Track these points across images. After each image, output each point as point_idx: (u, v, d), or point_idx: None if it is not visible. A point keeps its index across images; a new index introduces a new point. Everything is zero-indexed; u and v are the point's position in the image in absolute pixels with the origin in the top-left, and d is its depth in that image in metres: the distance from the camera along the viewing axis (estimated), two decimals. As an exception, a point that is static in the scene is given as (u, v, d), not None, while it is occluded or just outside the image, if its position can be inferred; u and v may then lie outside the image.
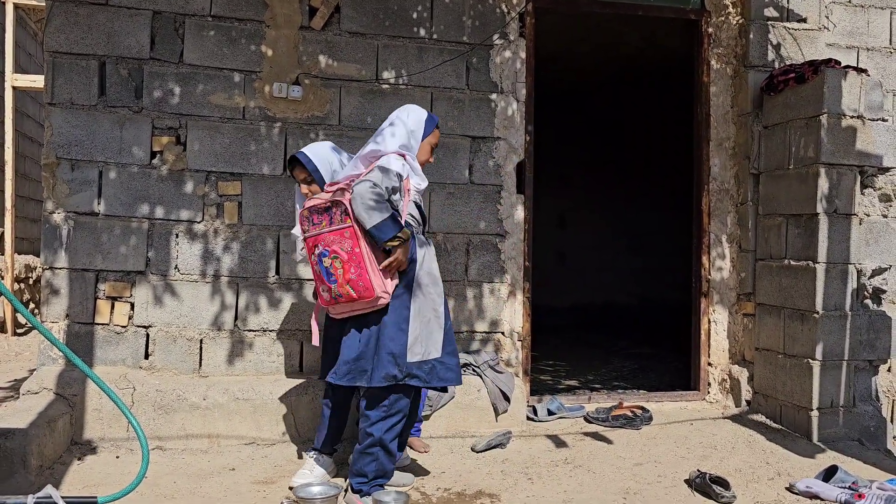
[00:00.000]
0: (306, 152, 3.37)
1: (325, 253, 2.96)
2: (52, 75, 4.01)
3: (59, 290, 4.00)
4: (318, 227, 3.00)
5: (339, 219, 2.94)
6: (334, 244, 2.94)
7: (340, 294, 2.94)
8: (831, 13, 4.87)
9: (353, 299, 2.94)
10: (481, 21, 4.47)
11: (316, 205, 3.03)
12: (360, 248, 2.91)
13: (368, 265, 2.91)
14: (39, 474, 3.27)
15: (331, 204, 2.97)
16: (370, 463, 3.02)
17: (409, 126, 3.19)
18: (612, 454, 3.84)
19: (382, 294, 2.93)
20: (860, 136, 4.14)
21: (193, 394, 3.88)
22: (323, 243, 2.97)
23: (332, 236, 2.94)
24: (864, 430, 4.14)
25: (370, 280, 2.89)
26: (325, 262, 2.96)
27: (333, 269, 2.94)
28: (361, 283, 2.90)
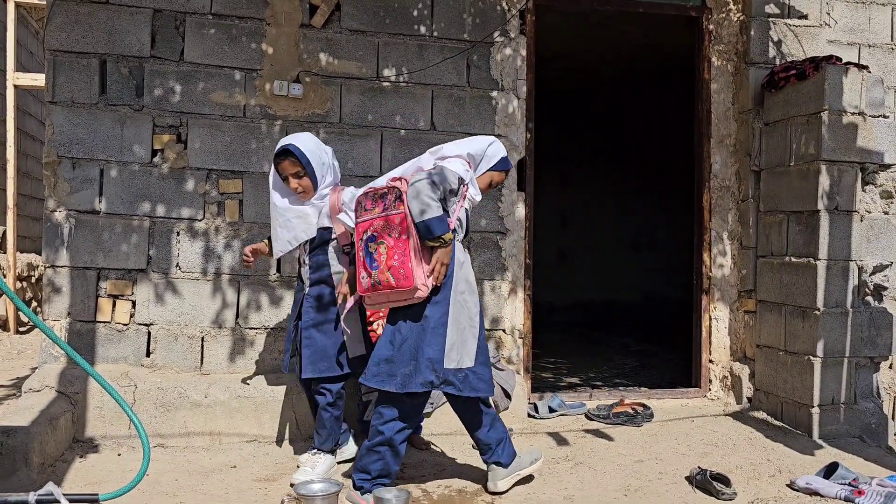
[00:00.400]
0: (298, 145, 3.24)
1: (372, 238, 2.94)
2: (53, 74, 4.02)
3: (61, 288, 4.01)
4: (370, 213, 2.98)
5: (392, 204, 2.91)
6: (383, 229, 2.91)
7: (380, 281, 2.90)
8: (832, 9, 4.86)
9: (391, 287, 2.89)
10: (482, 18, 4.47)
11: (373, 189, 3.02)
12: (409, 236, 2.88)
13: (413, 255, 2.87)
14: (41, 472, 3.28)
15: (387, 190, 2.96)
16: (376, 461, 3.01)
17: (487, 151, 3.19)
18: (613, 451, 3.85)
19: (421, 286, 2.89)
20: (861, 133, 4.14)
21: (195, 391, 3.89)
22: (372, 228, 2.95)
23: (383, 221, 2.92)
24: (866, 426, 4.13)
25: (411, 269, 2.86)
26: (370, 247, 2.93)
27: (378, 254, 2.91)
28: (402, 271, 2.86)
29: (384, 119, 4.35)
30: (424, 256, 2.93)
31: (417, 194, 2.86)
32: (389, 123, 4.36)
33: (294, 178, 3.25)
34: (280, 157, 3.25)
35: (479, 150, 3.17)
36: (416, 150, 4.36)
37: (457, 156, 3.09)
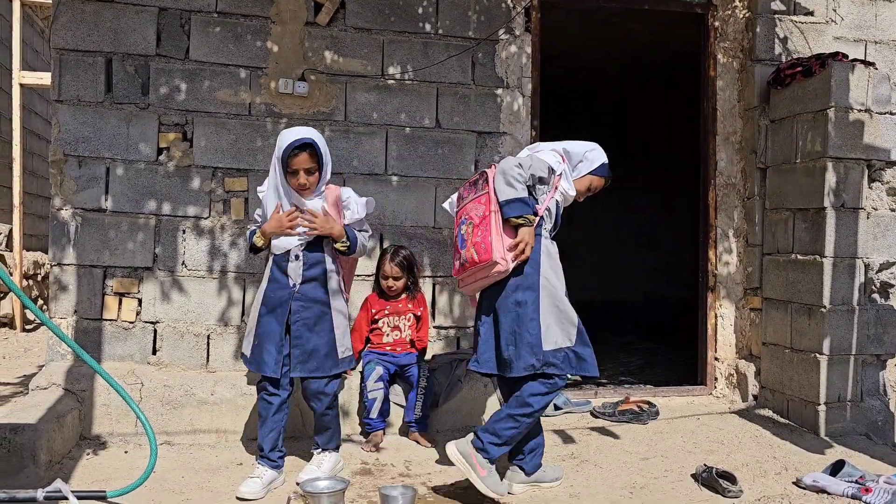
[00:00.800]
0: (315, 139, 3.17)
1: (464, 220, 3.07)
2: (59, 72, 4.03)
3: (68, 286, 4.02)
4: (464, 200, 3.14)
5: (480, 187, 3.06)
6: (472, 211, 3.04)
7: (466, 259, 3.01)
8: (838, 6, 4.84)
9: (474, 263, 2.98)
10: (487, 16, 4.47)
11: (470, 179, 3.19)
12: (490, 213, 2.97)
13: (494, 229, 2.95)
14: (49, 469, 3.29)
15: (478, 176, 3.13)
16: (511, 429, 3.01)
17: (587, 154, 3.25)
18: (618, 449, 3.84)
19: (500, 259, 2.93)
20: (868, 130, 4.12)
21: (201, 389, 3.90)
22: (465, 213, 3.09)
23: (472, 204, 3.06)
24: (872, 424, 4.12)
25: (491, 242, 2.93)
26: (462, 229, 3.07)
27: (466, 234, 3.03)
28: (483, 245, 2.94)
29: (389, 117, 4.35)
30: (507, 234, 2.99)
31: (503, 173, 2.99)
32: (394, 121, 4.36)
33: (306, 173, 3.18)
34: (299, 150, 3.13)
35: (578, 150, 3.24)
36: (420, 148, 4.37)
37: (551, 149, 3.17)
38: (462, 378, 4.12)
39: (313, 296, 3.27)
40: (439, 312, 4.40)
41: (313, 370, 3.27)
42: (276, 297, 3.26)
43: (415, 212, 4.38)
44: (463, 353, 4.28)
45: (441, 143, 4.41)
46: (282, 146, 3.16)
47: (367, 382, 3.81)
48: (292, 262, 3.25)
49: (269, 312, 3.26)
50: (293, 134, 3.18)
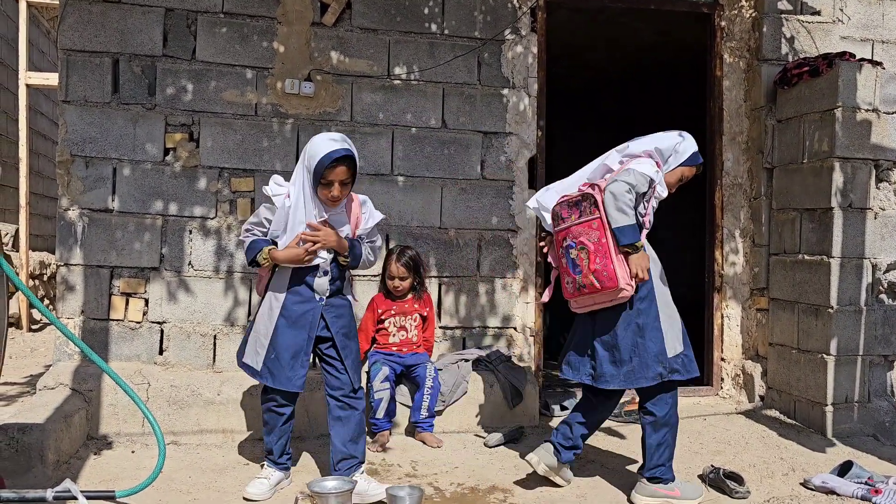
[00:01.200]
0: (352, 150, 3.00)
1: (572, 245, 3.04)
2: (66, 73, 4.04)
3: (75, 286, 4.03)
4: (567, 221, 3.08)
5: (588, 210, 3.01)
6: (582, 235, 3.01)
7: (584, 284, 3.00)
8: (845, 6, 4.83)
9: (595, 290, 2.98)
10: (493, 16, 4.47)
11: (568, 198, 3.11)
12: (607, 239, 2.96)
13: (614, 256, 2.95)
14: (56, 469, 3.29)
15: (581, 197, 3.05)
16: (664, 451, 3.09)
17: (677, 147, 3.19)
18: (625, 449, 3.84)
19: (626, 286, 2.96)
20: (875, 130, 4.11)
21: (208, 389, 3.90)
22: (571, 235, 3.05)
23: (581, 228, 3.02)
24: (879, 425, 4.11)
25: (615, 270, 2.94)
26: (571, 253, 3.04)
27: (579, 259, 3.00)
28: (606, 273, 2.94)
29: (395, 117, 4.35)
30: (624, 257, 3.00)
31: (614, 200, 2.95)
32: (401, 122, 4.36)
33: (341, 185, 2.99)
34: (338, 162, 2.92)
35: (669, 146, 3.19)
36: (427, 148, 4.37)
37: (645, 153, 3.13)
38: (468, 378, 4.12)
39: (340, 304, 3.17)
40: (445, 313, 4.40)
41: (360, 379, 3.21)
42: (300, 309, 3.07)
43: (421, 212, 4.38)
44: (469, 353, 4.28)
45: (447, 144, 4.41)
46: (316, 156, 2.91)
47: (373, 382, 3.81)
48: (320, 278, 3.08)
49: (291, 325, 3.06)
50: (329, 143, 2.94)
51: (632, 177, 3.00)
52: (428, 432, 3.89)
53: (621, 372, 3.06)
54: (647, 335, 3.04)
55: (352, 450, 3.09)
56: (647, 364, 3.03)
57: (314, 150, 2.95)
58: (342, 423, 3.11)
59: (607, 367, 3.08)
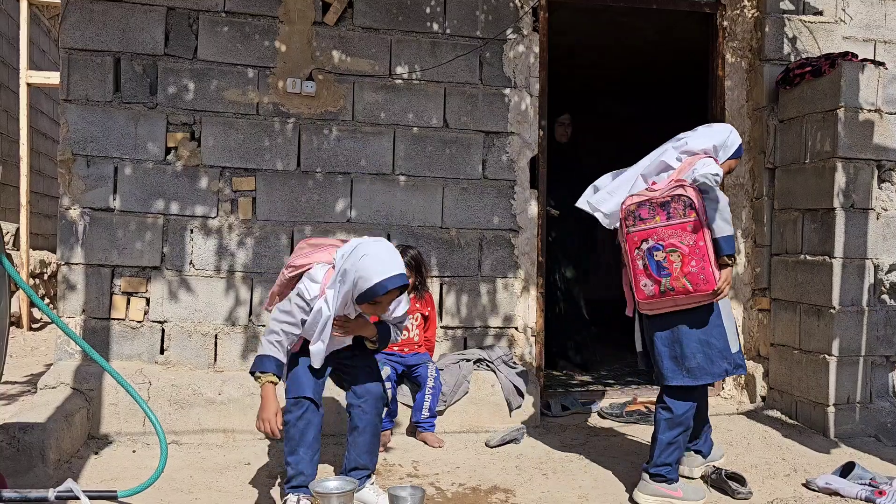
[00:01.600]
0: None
1: (657, 247, 2.99)
2: (68, 72, 4.03)
3: (76, 285, 4.03)
4: (649, 222, 3.02)
5: (682, 213, 2.96)
6: (672, 237, 2.97)
7: (672, 287, 2.97)
8: (848, 6, 4.82)
9: (687, 292, 2.96)
10: (494, 16, 4.46)
11: (648, 199, 3.05)
12: (706, 243, 2.95)
13: (712, 259, 2.95)
14: (57, 468, 3.29)
15: (671, 199, 3.00)
16: (674, 451, 3.11)
17: (727, 141, 3.21)
18: (626, 449, 3.83)
19: (711, 291, 2.97)
20: (878, 130, 4.11)
21: (209, 388, 3.90)
22: (656, 237, 3.00)
23: (671, 230, 2.97)
24: (881, 426, 4.11)
25: (712, 273, 2.94)
26: (656, 256, 2.99)
27: (668, 262, 2.97)
28: (703, 276, 2.93)
29: (397, 117, 4.35)
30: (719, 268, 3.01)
31: (720, 211, 2.96)
32: (402, 121, 4.36)
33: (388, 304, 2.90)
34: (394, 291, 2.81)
35: (722, 141, 3.20)
36: (428, 148, 4.36)
37: (705, 153, 3.15)
38: (469, 378, 4.11)
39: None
40: (446, 312, 4.39)
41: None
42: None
43: (422, 212, 4.37)
44: (470, 353, 4.27)
45: (449, 143, 4.41)
46: (370, 280, 2.74)
47: (374, 382, 3.80)
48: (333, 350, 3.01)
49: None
50: (385, 267, 2.76)
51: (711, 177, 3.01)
52: (429, 432, 3.89)
53: (684, 367, 3.06)
54: (713, 332, 3.05)
55: (366, 461, 3.02)
56: (713, 360, 3.05)
57: (368, 272, 2.75)
58: (359, 432, 3.00)
59: (668, 363, 3.09)
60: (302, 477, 2.83)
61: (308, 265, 2.94)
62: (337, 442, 3.71)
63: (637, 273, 3.07)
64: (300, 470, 2.83)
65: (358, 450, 3.00)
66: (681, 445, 3.13)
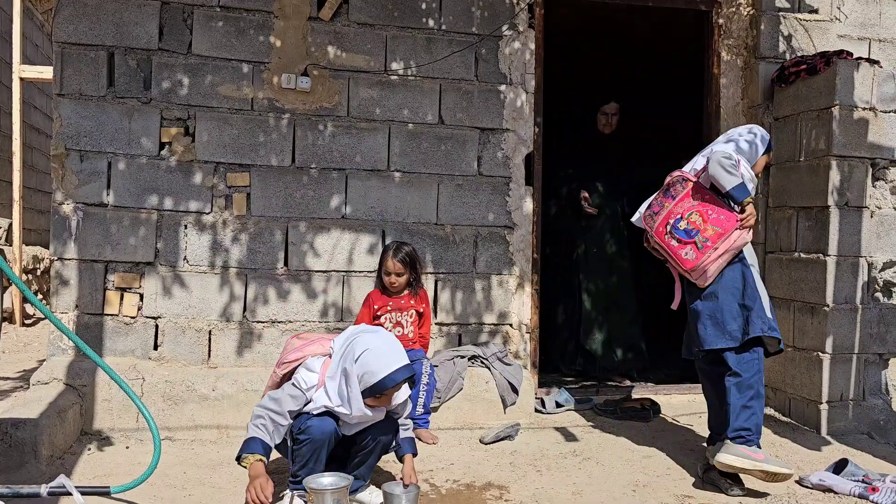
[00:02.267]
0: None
1: (678, 220, 3.28)
2: (61, 66, 4.01)
3: (69, 280, 4.01)
4: (662, 210, 3.33)
5: (681, 187, 3.31)
6: (683, 206, 3.28)
7: (707, 239, 3.22)
8: (843, 4, 4.83)
9: (720, 235, 3.20)
10: (490, 12, 4.45)
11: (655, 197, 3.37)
12: (710, 195, 3.27)
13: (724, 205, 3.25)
14: (50, 464, 3.28)
15: (668, 185, 3.35)
16: (751, 416, 3.20)
17: (756, 141, 3.44)
18: (620, 446, 3.84)
19: (738, 223, 3.22)
20: (872, 128, 4.11)
21: (203, 385, 3.89)
22: (672, 215, 3.30)
23: (680, 202, 3.29)
24: (874, 423, 4.12)
25: (729, 212, 3.23)
26: (680, 225, 3.27)
27: (692, 223, 3.25)
28: (723, 216, 3.22)
29: (392, 113, 4.34)
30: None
31: (719, 164, 3.24)
32: (397, 117, 4.35)
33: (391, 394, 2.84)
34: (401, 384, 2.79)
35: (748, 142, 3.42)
36: (423, 144, 4.36)
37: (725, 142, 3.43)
38: (463, 375, 4.11)
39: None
40: (441, 309, 4.39)
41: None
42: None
43: (417, 208, 4.36)
44: (465, 350, 4.27)
45: (444, 140, 4.40)
46: (376, 374, 2.71)
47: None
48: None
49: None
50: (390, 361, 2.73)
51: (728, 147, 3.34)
52: (423, 429, 3.88)
53: (726, 332, 3.25)
54: (748, 297, 3.25)
55: (363, 474, 3.00)
56: (751, 321, 3.21)
57: (373, 367, 2.72)
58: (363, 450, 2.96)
59: (711, 330, 3.28)
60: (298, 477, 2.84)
61: (301, 358, 2.89)
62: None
63: (675, 251, 3.30)
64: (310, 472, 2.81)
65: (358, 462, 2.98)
66: (756, 411, 3.21)
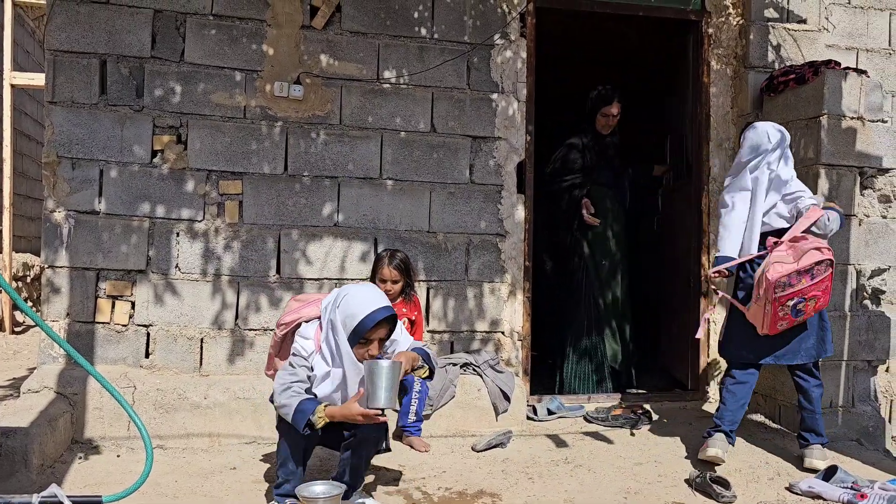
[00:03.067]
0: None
1: (801, 300, 3.49)
2: (53, 73, 4.00)
3: (60, 288, 4.00)
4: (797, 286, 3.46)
5: (823, 271, 3.47)
6: (814, 290, 3.48)
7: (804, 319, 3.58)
8: (831, 14, 4.88)
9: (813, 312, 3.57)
10: (482, 21, 4.48)
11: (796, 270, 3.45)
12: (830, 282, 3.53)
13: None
14: (41, 473, 3.26)
15: (814, 265, 3.45)
16: (820, 420, 3.71)
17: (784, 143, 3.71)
18: (612, 454, 3.85)
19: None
20: (860, 138, 4.16)
21: (194, 393, 3.88)
22: (801, 294, 3.47)
23: (814, 286, 3.46)
24: (863, 430, 4.15)
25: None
26: (798, 306, 3.50)
27: (805, 307, 3.51)
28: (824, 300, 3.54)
29: (384, 121, 4.35)
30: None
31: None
32: (390, 125, 4.36)
33: (380, 343, 2.89)
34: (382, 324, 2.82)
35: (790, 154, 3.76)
36: (416, 152, 4.37)
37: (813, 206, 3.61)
38: (456, 382, 4.12)
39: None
40: (433, 317, 4.40)
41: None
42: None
43: (409, 216, 4.38)
44: (457, 357, 4.28)
45: (436, 148, 4.42)
46: (356, 315, 2.77)
47: (361, 387, 3.80)
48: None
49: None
50: (370, 302, 2.80)
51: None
52: (416, 436, 3.88)
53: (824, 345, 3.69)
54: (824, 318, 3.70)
55: (353, 480, 2.98)
56: (825, 340, 3.69)
57: (353, 308, 2.78)
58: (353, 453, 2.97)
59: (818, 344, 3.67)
60: (290, 484, 2.85)
61: (297, 320, 2.95)
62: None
63: (776, 320, 3.54)
64: (290, 474, 2.87)
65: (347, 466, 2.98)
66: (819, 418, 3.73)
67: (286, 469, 2.88)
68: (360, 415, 2.69)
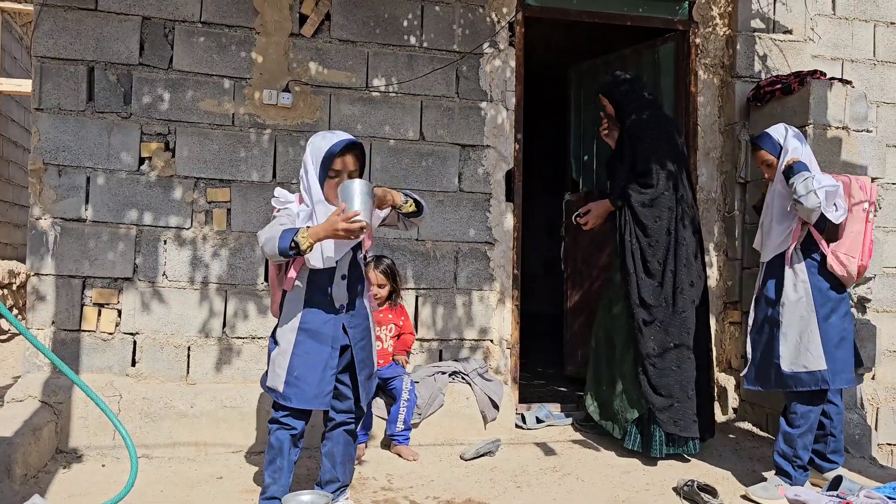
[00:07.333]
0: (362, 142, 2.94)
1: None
2: (40, 80, 3.99)
3: (46, 296, 3.97)
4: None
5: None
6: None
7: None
8: (816, 25, 4.93)
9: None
10: (471, 30, 4.49)
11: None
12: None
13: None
14: (24, 483, 3.23)
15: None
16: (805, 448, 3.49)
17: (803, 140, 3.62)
18: (601, 462, 3.85)
19: None
20: (845, 147, 4.19)
21: (181, 401, 3.85)
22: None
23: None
24: (850, 438, 4.16)
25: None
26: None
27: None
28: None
29: (373, 129, 4.36)
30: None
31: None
32: (378, 133, 4.36)
33: (349, 177, 2.79)
34: (347, 150, 2.77)
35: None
36: (405, 160, 4.37)
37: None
38: (444, 391, 4.11)
39: (361, 315, 2.94)
40: (422, 325, 4.39)
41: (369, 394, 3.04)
42: (320, 320, 2.82)
43: (398, 224, 4.37)
44: (445, 365, 4.27)
45: (425, 156, 4.42)
46: (323, 147, 2.75)
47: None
48: (338, 284, 2.84)
49: (312, 338, 2.82)
50: (336, 135, 2.79)
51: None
52: (404, 445, 3.87)
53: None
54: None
55: (340, 473, 2.98)
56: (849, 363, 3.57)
57: (319, 143, 2.78)
58: (334, 442, 2.97)
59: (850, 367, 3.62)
60: (277, 487, 2.84)
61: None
62: (310, 455, 3.68)
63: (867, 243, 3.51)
64: (272, 495, 2.84)
65: (333, 460, 2.98)
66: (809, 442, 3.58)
67: (274, 466, 2.85)
68: (342, 221, 2.59)
